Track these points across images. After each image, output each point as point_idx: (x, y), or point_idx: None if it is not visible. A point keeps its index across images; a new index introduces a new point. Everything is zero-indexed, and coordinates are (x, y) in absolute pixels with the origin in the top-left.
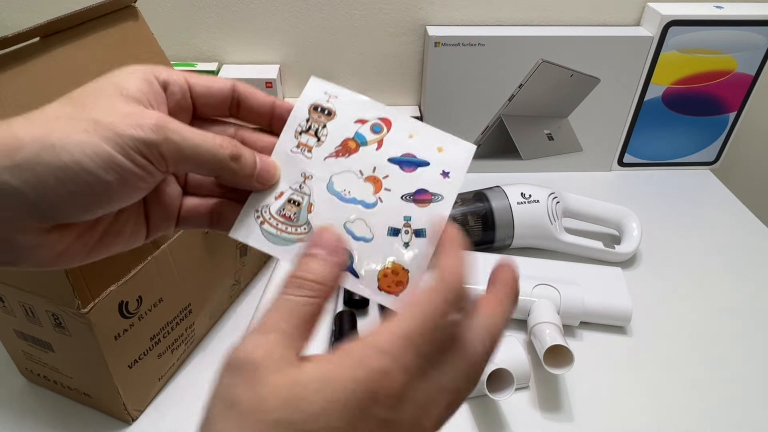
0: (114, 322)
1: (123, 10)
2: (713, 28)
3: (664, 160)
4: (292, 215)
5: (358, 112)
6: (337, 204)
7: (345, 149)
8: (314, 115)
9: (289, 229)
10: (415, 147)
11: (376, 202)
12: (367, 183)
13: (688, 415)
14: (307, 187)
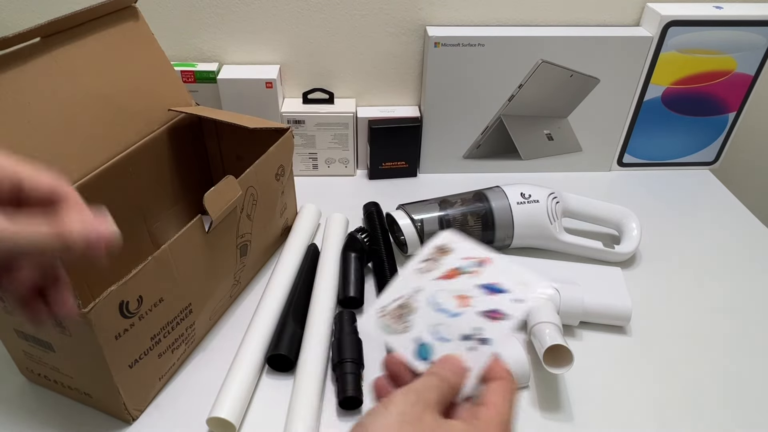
0: (114, 321)
1: (123, 11)
2: (713, 29)
3: (664, 160)
4: (401, 315)
5: (468, 252)
6: (432, 312)
7: (449, 275)
8: (437, 252)
9: (397, 323)
10: (502, 279)
11: (459, 313)
12: (456, 299)
13: (688, 415)
14: (416, 297)
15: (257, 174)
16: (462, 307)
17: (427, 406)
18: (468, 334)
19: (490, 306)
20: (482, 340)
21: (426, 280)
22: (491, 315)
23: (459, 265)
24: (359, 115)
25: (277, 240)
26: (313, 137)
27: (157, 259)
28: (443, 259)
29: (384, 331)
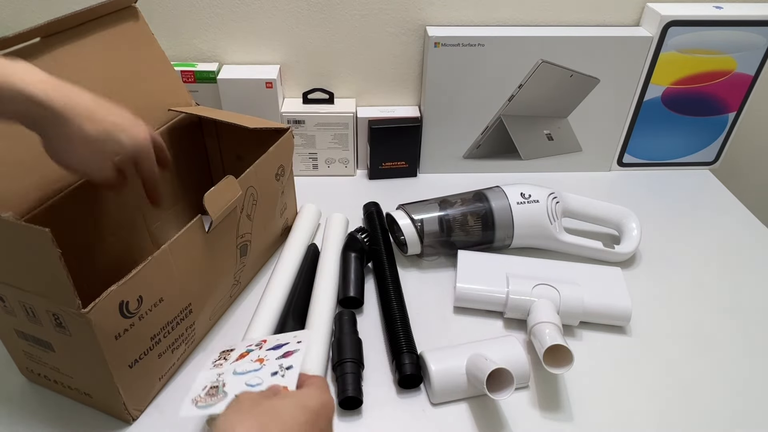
0: (114, 321)
1: (123, 11)
2: (713, 29)
3: (664, 160)
4: (214, 393)
5: (246, 343)
6: (240, 377)
7: (240, 357)
8: (223, 353)
9: (213, 399)
10: (281, 340)
11: (261, 367)
12: (255, 362)
13: (688, 414)
14: (221, 378)
15: (257, 174)
16: (261, 363)
17: (262, 395)
18: (275, 370)
19: (283, 351)
20: (288, 368)
21: (224, 367)
22: (286, 355)
23: (245, 349)
24: (359, 115)
25: (277, 240)
26: (313, 137)
27: (157, 259)
28: (230, 353)
29: (203, 409)
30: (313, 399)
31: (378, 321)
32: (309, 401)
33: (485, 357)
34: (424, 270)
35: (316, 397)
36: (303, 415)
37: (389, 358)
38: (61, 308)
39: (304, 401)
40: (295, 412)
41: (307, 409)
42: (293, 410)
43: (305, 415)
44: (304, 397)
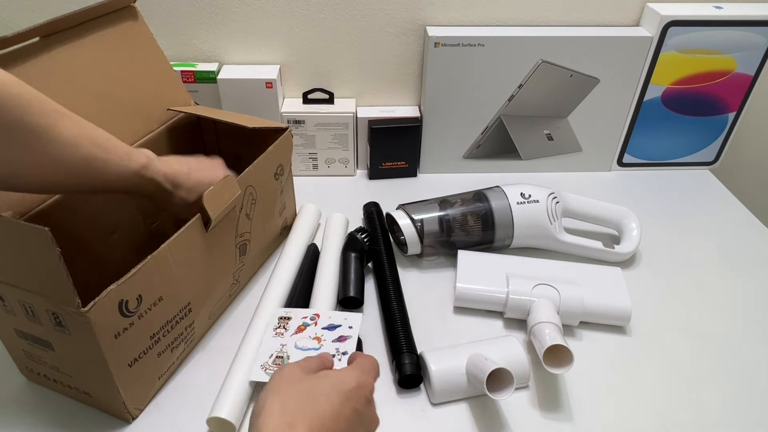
0: (114, 320)
1: (122, 10)
2: (713, 29)
3: (664, 160)
4: (280, 363)
5: (302, 314)
6: (301, 353)
7: (299, 330)
8: (282, 320)
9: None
10: (334, 321)
11: (319, 347)
12: (313, 340)
13: (688, 414)
14: (285, 349)
15: (256, 173)
16: (319, 343)
17: (306, 371)
18: (333, 353)
19: (337, 335)
20: (344, 353)
21: (286, 338)
22: (341, 339)
23: (302, 322)
24: (359, 115)
25: (276, 239)
26: (313, 137)
27: (157, 258)
28: (288, 323)
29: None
30: (349, 380)
31: (378, 321)
32: (345, 383)
33: (485, 357)
34: (424, 270)
35: (353, 379)
36: (337, 396)
37: (389, 358)
38: (61, 307)
39: (340, 383)
40: (330, 393)
41: (342, 392)
42: (328, 391)
43: (339, 397)
44: (342, 378)
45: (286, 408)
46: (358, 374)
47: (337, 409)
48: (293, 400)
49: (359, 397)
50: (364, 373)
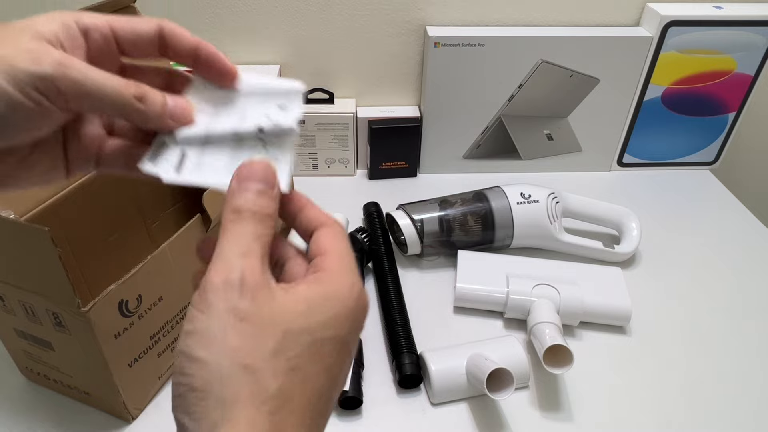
0: (114, 320)
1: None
2: (713, 29)
3: (664, 160)
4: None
5: None
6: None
7: None
8: None
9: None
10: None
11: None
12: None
13: (688, 414)
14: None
15: None
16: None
17: (258, 288)
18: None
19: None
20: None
21: None
22: None
23: None
24: (359, 115)
25: None
26: (313, 137)
27: (157, 258)
28: None
29: None
30: (349, 319)
31: (378, 321)
32: (343, 327)
33: (485, 357)
34: (424, 270)
35: (353, 303)
36: (339, 354)
37: (389, 358)
38: (61, 307)
39: (337, 329)
40: (328, 348)
41: (345, 343)
42: (330, 348)
43: (341, 354)
44: (336, 311)
45: (263, 394)
46: (353, 284)
47: (346, 368)
48: (268, 379)
49: (358, 329)
50: (354, 273)
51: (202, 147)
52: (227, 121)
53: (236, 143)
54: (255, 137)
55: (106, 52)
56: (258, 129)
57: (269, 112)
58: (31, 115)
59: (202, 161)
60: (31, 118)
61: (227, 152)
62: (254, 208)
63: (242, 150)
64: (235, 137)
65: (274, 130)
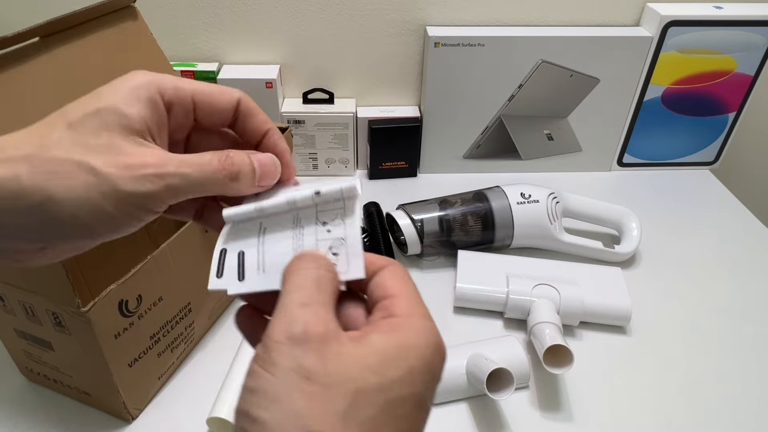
0: (114, 320)
1: (122, 10)
2: (713, 29)
3: (664, 160)
4: None
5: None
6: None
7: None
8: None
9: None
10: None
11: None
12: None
13: (688, 414)
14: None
15: None
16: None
17: (323, 341)
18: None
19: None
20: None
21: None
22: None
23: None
24: (359, 115)
25: None
26: (313, 137)
27: (157, 258)
28: None
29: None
30: (430, 361)
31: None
32: (428, 371)
33: (485, 357)
34: (424, 270)
35: (433, 353)
36: (417, 408)
37: None
38: (61, 307)
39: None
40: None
41: (424, 401)
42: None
43: (424, 408)
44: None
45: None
46: (430, 330)
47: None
48: None
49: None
50: (430, 317)
51: (259, 245)
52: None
53: (294, 231)
54: (314, 220)
55: (183, 125)
56: (315, 204)
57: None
58: (121, 223)
59: (263, 261)
60: (121, 225)
61: (288, 245)
62: (316, 255)
63: (303, 238)
64: (292, 220)
65: (332, 204)
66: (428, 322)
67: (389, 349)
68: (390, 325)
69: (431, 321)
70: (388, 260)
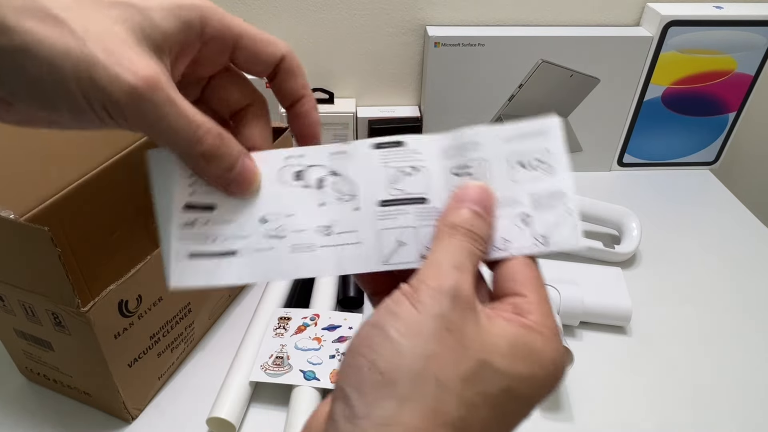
0: (114, 320)
1: None
2: (713, 29)
3: (664, 160)
4: (280, 363)
5: (302, 314)
6: (302, 353)
7: (299, 330)
8: (282, 320)
9: (279, 369)
10: (334, 321)
11: (320, 347)
12: (313, 341)
13: (688, 414)
14: (284, 350)
15: None
16: (319, 344)
17: (468, 305)
18: (333, 354)
19: (337, 335)
20: (343, 354)
21: (285, 339)
22: (341, 340)
23: (301, 323)
24: (359, 115)
25: None
26: None
27: (157, 258)
28: (288, 324)
29: (271, 377)
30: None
31: None
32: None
33: None
34: None
35: (558, 368)
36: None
37: None
38: (61, 307)
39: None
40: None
41: (531, 408)
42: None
43: (526, 413)
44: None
45: None
46: (561, 355)
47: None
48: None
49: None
50: (560, 338)
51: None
52: None
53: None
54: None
55: (216, 62)
56: None
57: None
58: (88, 119)
59: None
60: (87, 121)
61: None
62: (469, 227)
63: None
64: None
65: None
66: (560, 343)
67: (519, 344)
68: (522, 324)
69: (561, 344)
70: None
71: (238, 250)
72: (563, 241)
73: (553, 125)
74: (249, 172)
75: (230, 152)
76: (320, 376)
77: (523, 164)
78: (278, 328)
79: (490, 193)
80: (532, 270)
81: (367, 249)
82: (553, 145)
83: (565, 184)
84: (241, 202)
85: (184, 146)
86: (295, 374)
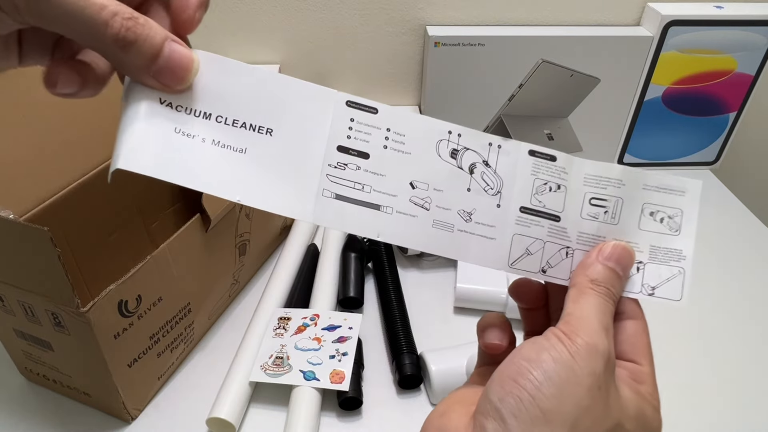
0: (113, 321)
1: None
2: (713, 28)
3: (664, 160)
4: (280, 363)
5: (302, 314)
6: (301, 353)
7: (299, 330)
8: (282, 321)
9: (279, 369)
10: (334, 322)
11: (319, 347)
12: (313, 341)
13: (688, 414)
14: (285, 350)
15: None
16: (319, 344)
17: (613, 370)
18: (332, 354)
19: (337, 335)
20: (344, 354)
21: (285, 339)
22: (341, 340)
23: (301, 323)
24: None
25: (275, 239)
26: None
27: (156, 258)
28: (288, 324)
29: (271, 378)
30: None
31: (378, 321)
32: None
33: None
34: (424, 270)
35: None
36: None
37: (389, 359)
38: (60, 307)
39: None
40: None
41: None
42: None
43: None
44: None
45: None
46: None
47: None
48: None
49: None
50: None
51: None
52: None
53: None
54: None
55: None
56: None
57: None
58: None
59: None
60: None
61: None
62: (609, 287)
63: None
64: None
65: None
66: (660, 415)
67: (640, 413)
68: (638, 393)
69: (661, 415)
70: (635, 307)
71: (382, 206)
72: (668, 294)
73: (695, 188)
74: (182, 58)
75: (151, 35)
76: (320, 377)
77: (654, 215)
78: (278, 328)
79: (632, 256)
80: (647, 338)
81: (499, 247)
82: (689, 208)
83: (688, 246)
84: (396, 159)
85: (91, 34)
86: (295, 374)
